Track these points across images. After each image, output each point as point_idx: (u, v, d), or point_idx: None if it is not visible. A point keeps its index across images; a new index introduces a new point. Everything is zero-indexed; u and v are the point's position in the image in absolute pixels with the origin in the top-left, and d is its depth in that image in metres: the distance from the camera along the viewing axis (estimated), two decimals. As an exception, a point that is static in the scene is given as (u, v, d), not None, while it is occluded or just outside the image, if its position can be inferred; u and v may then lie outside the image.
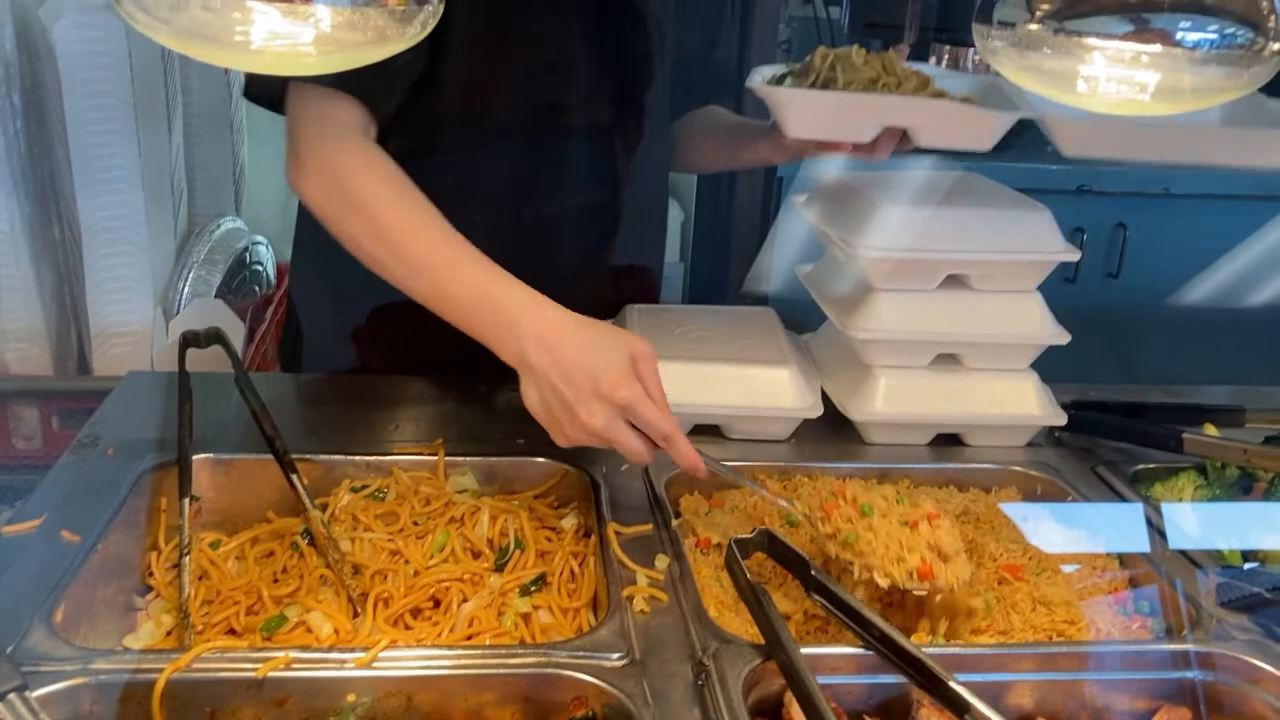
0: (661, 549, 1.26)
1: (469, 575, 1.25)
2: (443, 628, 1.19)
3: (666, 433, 1.23)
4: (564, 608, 1.23)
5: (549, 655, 1.08)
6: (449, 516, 1.33)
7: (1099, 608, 1.25)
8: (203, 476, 1.36)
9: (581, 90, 1.61)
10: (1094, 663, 1.12)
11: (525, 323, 1.27)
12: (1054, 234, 1.51)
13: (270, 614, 1.19)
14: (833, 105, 1.46)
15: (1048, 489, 1.46)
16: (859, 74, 1.44)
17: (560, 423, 1.25)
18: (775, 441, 1.52)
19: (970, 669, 1.08)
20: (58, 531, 1.21)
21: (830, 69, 1.45)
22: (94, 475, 1.33)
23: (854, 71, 1.44)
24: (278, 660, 1.03)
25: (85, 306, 2.35)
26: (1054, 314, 1.53)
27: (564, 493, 1.41)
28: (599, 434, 1.22)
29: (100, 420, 1.48)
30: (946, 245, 1.48)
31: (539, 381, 1.25)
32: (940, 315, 1.51)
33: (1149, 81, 0.83)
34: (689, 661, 1.08)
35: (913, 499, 1.41)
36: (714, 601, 1.21)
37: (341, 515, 1.33)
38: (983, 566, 1.27)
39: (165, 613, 1.23)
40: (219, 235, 2.61)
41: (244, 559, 1.30)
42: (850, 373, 1.56)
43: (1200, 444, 1.45)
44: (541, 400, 1.26)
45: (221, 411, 1.42)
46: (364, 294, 1.71)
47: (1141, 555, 1.31)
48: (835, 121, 1.47)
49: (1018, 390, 1.54)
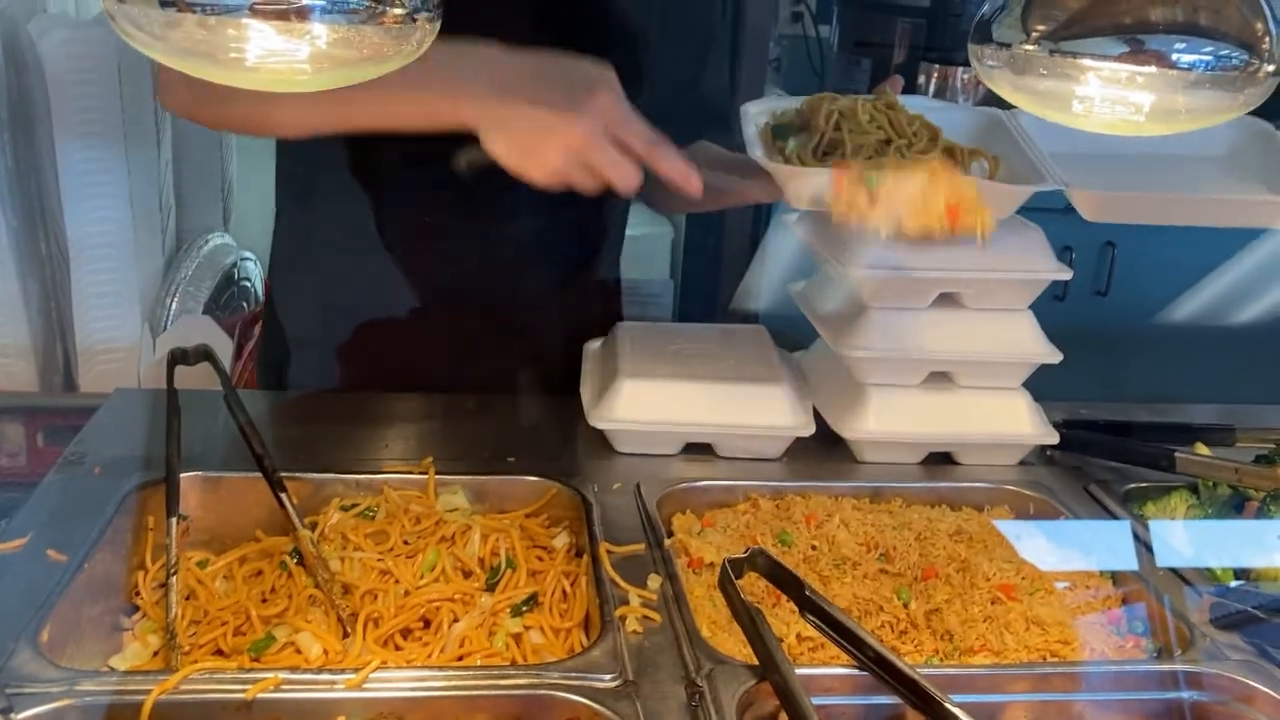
0: (654, 568, 1.26)
1: (460, 595, 1.24)
2: (433, 648, 1.18)
3: (652, 138, 1.15)
4: (556, 628, 1.22)
5: (541, 676, 1.07)
6: (439, 535, 1.32)
7: (1092, 627, 1.24)
8: (191, 495, 1.35)
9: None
10: (1088, 683, 1.12)
11: (472, 67, 1.18)
12: (1046, 253, 1.52)
13: (258, 634, 1.18)
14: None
15: (1040, 508, 1.46)
16: (867, 136, 1.41)
17: (537, 151, 1.14)
18: (767, 460, 1.52)
19: (965, 690, 1.07)
20: (44, 551, 1.20)
21: (835, 128, 1.42)
22: (80, 494, 1.32)
23: (861, 133, 1.41)
24: (267, 681, 1.02)
25: (72, 322, 2.33)
26: (1044, 332, 1.54)
27: (555, 512, 1.41)
28: (581, 150, 1.14)
29: (87, 438, 1.46)
30: (939, 264, 1.48)
31: (507, 115, 1.15)
32: (932, 333, 1.51)
33: (1144, 102, 0.83)
34: (682, 682, 1.07)
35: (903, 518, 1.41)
36: (707, 621, 1.20)
37: (331, 534, 1.32)
38: (976, 587, 1.27)
39: (152, 633, 1.21)
40: (207, 251, 2.61)
41: (232, 578, 1.28)
42: (842, 391, 1.56)
43: (1192, 463, 1.46)
44: (512, 137, 1.15)
45: (210, 429, 1.41)
46: (349, 309, 1.71)
47: (1134, 574, 1.31)
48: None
49: (1010, 409, 1.54)
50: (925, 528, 1.38)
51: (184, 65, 0.78)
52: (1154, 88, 0.84)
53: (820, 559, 1.32)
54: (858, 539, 1.35)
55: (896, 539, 1.35)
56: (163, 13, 0.73)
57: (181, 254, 2.57)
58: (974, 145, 1.49)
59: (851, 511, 1.41)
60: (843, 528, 1.37)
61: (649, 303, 3.19)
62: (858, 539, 1.35)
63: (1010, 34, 0.86)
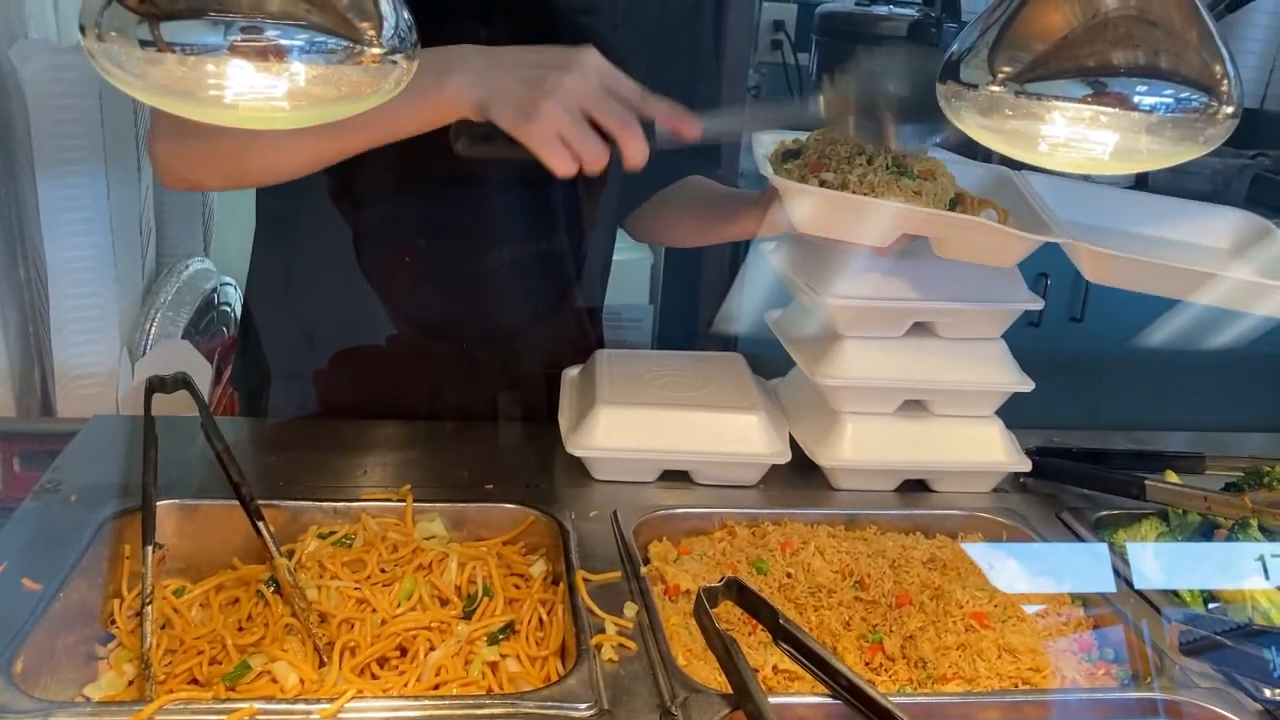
0: (630, 596, 1.26)
1: (436, 623, 1.24)
2: (409, 677, 1.18)
3: (642, 93, 1.17)
4: (532, 656, 1.23)
5: (516, 706, 1.07)
6: (417, 564, 1.32)
7: (1065, 655, 1.26)
8: (167, 522, 1.35)
9: None
10: (1059, 711, 1.13)
11: (456, 57, 1.18)
12: (1018, 283, 1.54)
13: (234, 663, 1.18)
14: (855, 208, 1.38)
15: (1013, 535, 1.47)
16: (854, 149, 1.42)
17: (537, 110, 1.12)
18: (744, 487, 1.53)
19: (938, 718, 1.08)
20: (19, 580, 1.20)
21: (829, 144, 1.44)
22: (56, 522, 1.32)
23: (844, 145, 1.43)
24: (242, 712, 1.02)
25: (50, 347, 2.32)
26: (1019, 358, 1.56)
27: (533, 539, 1.41)
28: (580, 101, 1.13)
29: (63, 465, 1.46)
30: (913, 293, 1.50)
31: (500, 82, 1.14)
32: (907, 362, 1.53)
33: (1107, 142, 0.85)
34: (657, 711, 1.08)
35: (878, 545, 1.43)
36: (683, 650, 1.21)
37: (308, 562, 1.32)
38: (949, 614, 1.28)
39: (127, 661, 1.21)
40: (187, 276, 2.60)
41: (208, 606, 1.28)
42: (818, 418, 1.57)
43: (1162, 491, 1.48)
44: (508, 101, 1.14)
45: (187, 456, 1.41)
46: (325, 336, 1.72)
47: (1105, 599, 1.32)
48: (855, 225, 1.40)
49: (983, 437, 1.56)
50: (899, 555, 1.39)
51: (163, 103, 0.79)
52: (1117, 128, 0.86)
53: (795, 586, 1.33)
54: (833, 566, 1.36)
55: (871, 566, 1.36)
56: (143, 52, 0.74)
57: (161, 279, 2.56)
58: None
59: (827, 539, 1.42)
60: (818, 555, 1.38)
61: (628, 327, 3.20)
62: (833, 566, 1.36)
63: (977, 75, 0.88)
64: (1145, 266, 1.34)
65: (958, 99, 0.90)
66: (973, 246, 1.42)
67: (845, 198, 1.37)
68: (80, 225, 2.26)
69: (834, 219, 1.40)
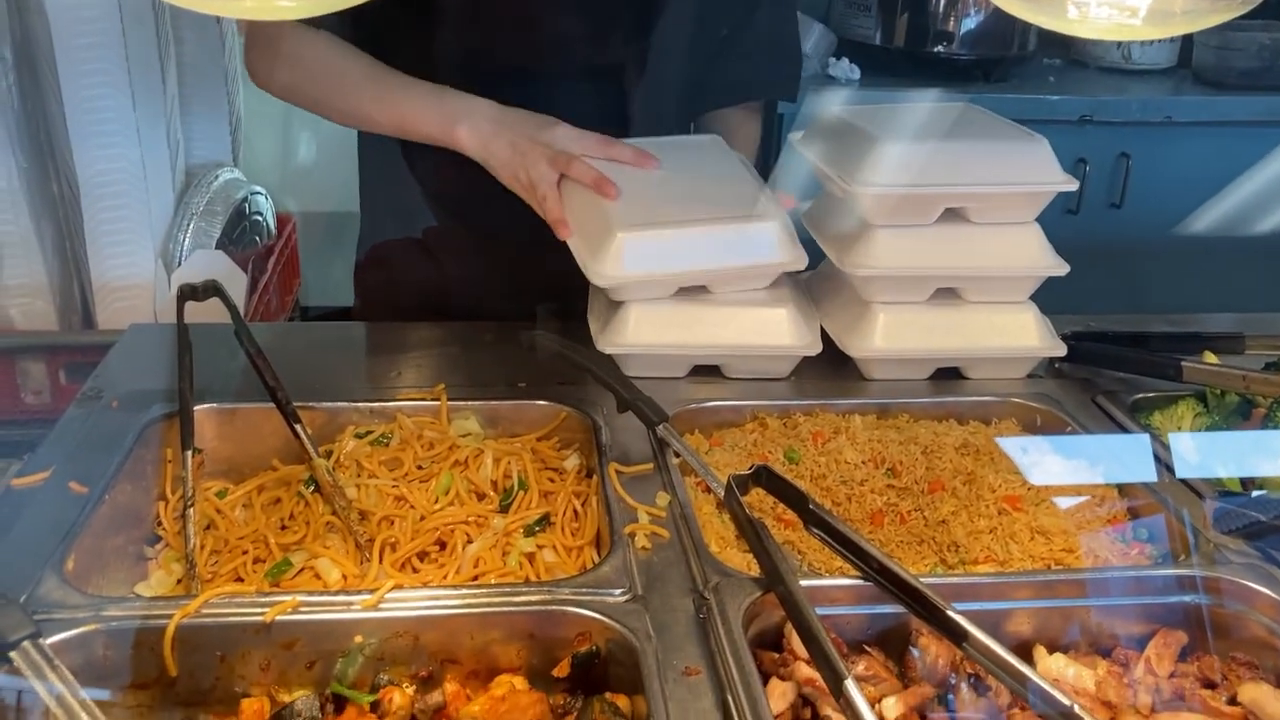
0: (663, 488, 1.28)
1: (474, 517, 1.27)
2: (448, 569, 1.21)
3: (608, 152, 1.54)
4: (567, 546, 1.25)
5: (553, 593, 1.09)
6: (453, 460, 1.34)
7: (1097, 536, 1.26)
8: (207, 426, 1.37)
9: (587, 27, 1.60)
10: (1091, 589, 1.14)
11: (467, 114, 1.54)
12: (1052, 165, 1.50)
13: (277, 560, 1.21)
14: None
15: (1047, 420, 1.46)
16: None
17: (510, 163, 1.52)
18: (774, 380, 1.53)
19: (968, 598, 1.09)
20: (66, 483, 1.23)
21: None
22: (99, 427, 1.34)
23: None
24: (285, 604, 1.05)
25: (86, 260, 2.35)
26: (1057, 245, 1.53)
27: (566, 434, 1.42)
28: (552, 164, 1.50)
29: (103, 373, 1.49)
30: (943, 179, 1.47)
31: (490, 137, 1.53)
32: (938, 250, 1.50)
33: (1139, 6, 0.82)
34: (690, 596, 1.09)
35: (910, 433, 1.43)
36: (715, 537, 1.22)
37: (346, 462, 1.34)
38: (982, 499, 1.28)
39: (175, 561, 1.24)
40: (217, 186, 2.61)
41: (250, 507, 1.31)
42: (849, 310, 1.56)
43: (1199, 372, 1.46)
44: (492, 152, 1.53)
45: (225, 362, 1.43)
46: None
47: (1140, 484, 1.32)
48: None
49: (1017, 322, 1.54)
50: (932, 442, 1.39)
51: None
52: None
53: (827, 475, 1.34)
54: (864, 455, 1.36)
55: (903, 454, 1.36)
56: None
57: (192, 189, 2.57)
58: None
59: (859, 428, 1.42)
60: (849, 444, 1.38)
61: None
62: (864, 455, 1.36)
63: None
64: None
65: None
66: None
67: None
68: (108, 137, 2.26)
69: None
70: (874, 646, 1.09)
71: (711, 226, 1.48)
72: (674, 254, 1.47)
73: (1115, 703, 1.03)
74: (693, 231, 1.47)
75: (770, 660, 1.05)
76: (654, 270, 1.46)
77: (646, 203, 1.50)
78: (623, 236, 1.44)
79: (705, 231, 1.48)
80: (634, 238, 1.44)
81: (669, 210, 1.49)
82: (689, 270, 1.47)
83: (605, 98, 1.68)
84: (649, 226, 1.46)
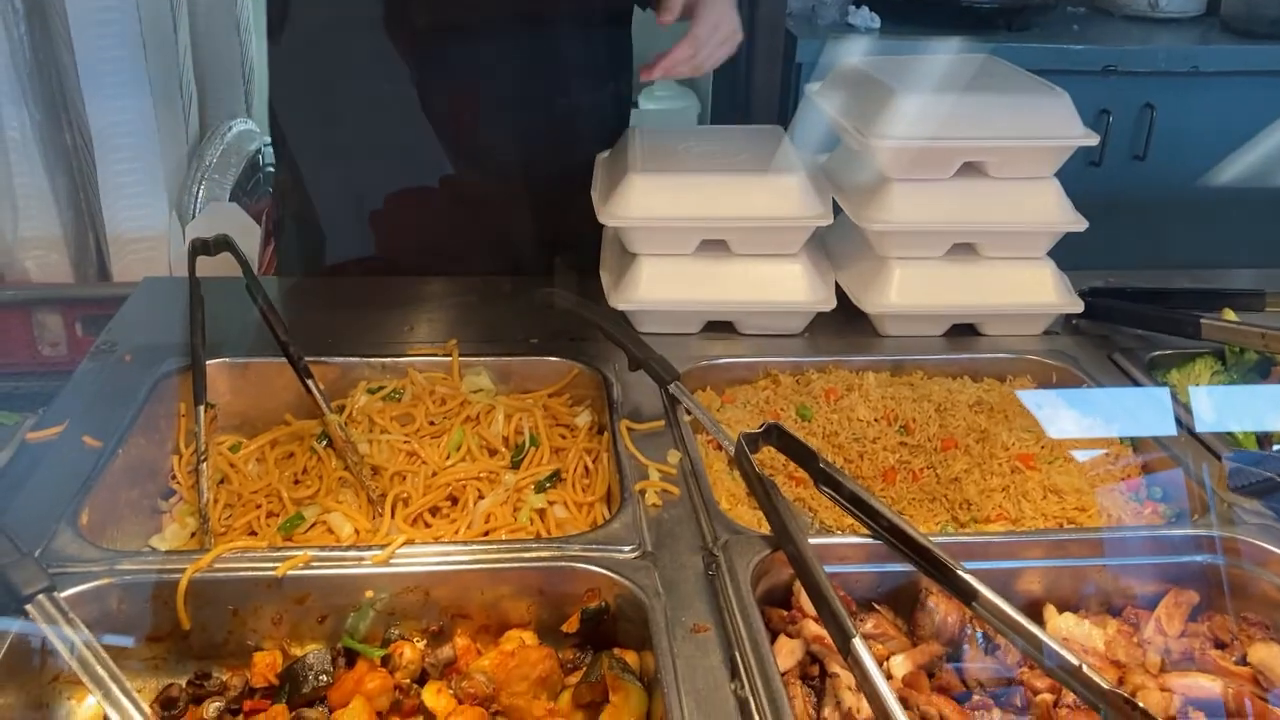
0: (673, 445, 1.27)
1: (485, 473, 1.27)
2: (460, 525, 1.21)
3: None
4: (578, 502, 1.25)
5: (563, 549, 1.10)
6: (464, 416, 1.34)
7: (1111, 494, 1.25)
8: (220, 380, 1.38)
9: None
10: (1103, 548, 1.13)
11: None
12: (1072, 119, 1.48)
13: (290, 515, 1.21)
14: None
15: (1063, 377, 1.45)
16: None
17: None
18: (789, 336, 1.52)
19: (979, 557, 1.09)
20: (80, 437, 1.23)
21: None
22: (113, 381, 1.35)
23: None
24: (297, 559, 1.06)
25: (100, 212, 2.35)
26: (1080, 198, 1.50)
27: (578, 391, 1.42)
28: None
29: (117, 326, 1.49)
30: (962, 132, 1.45)
31: None
32: (956, 204, 1.49)
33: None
34: (699, 553, 1.09)
35: (924, 390, 1.42)
36: (725, 495, 1.22)
37: (359, 417, 1.34)
38: (995, 456, 1.27)
39: (189, 515, 1.25)
40: (231, 138, 2.60)
41: (264, 461, 1.32)
42: (864, 265, 1.54)
43: (1218, 329, 1.44)
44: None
45: (238, 316, 1.42)
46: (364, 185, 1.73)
47: (1155, 441, 1.31)
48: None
49: (1034, 278, 1.52)
50: (945, 399, 1.38)
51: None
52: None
53: (840, 432, 1.33)
54: (877, 412, 1.36)
55: (916, 411, 1.36)
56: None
57: (205, 141, 2.56)
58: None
59: (872, 385, 1.41)
60: (863, 401, 1.37)
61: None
62: (877, 412, 1.36)
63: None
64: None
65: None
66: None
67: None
68: (120, 88, 2.26)
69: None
70: (883, 604, 1.09)
71: (730, 176, 1.47)
72: (689, 200, 1.45)
73: (1124, 662, 1.03)
74: (710, 179, 1.46)
75: (779, 617, 1.05)
76: (666, 214, 1.45)
77: (673, 156, 1.51)
78: (635, 177, 1.43)
79: (723, 180, 1.47)
80: (646, 179, 1.44)
81: (689, 161, 1.49)
82: (703, 217, 1.46)
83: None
84: (664, 171, 1.45)
